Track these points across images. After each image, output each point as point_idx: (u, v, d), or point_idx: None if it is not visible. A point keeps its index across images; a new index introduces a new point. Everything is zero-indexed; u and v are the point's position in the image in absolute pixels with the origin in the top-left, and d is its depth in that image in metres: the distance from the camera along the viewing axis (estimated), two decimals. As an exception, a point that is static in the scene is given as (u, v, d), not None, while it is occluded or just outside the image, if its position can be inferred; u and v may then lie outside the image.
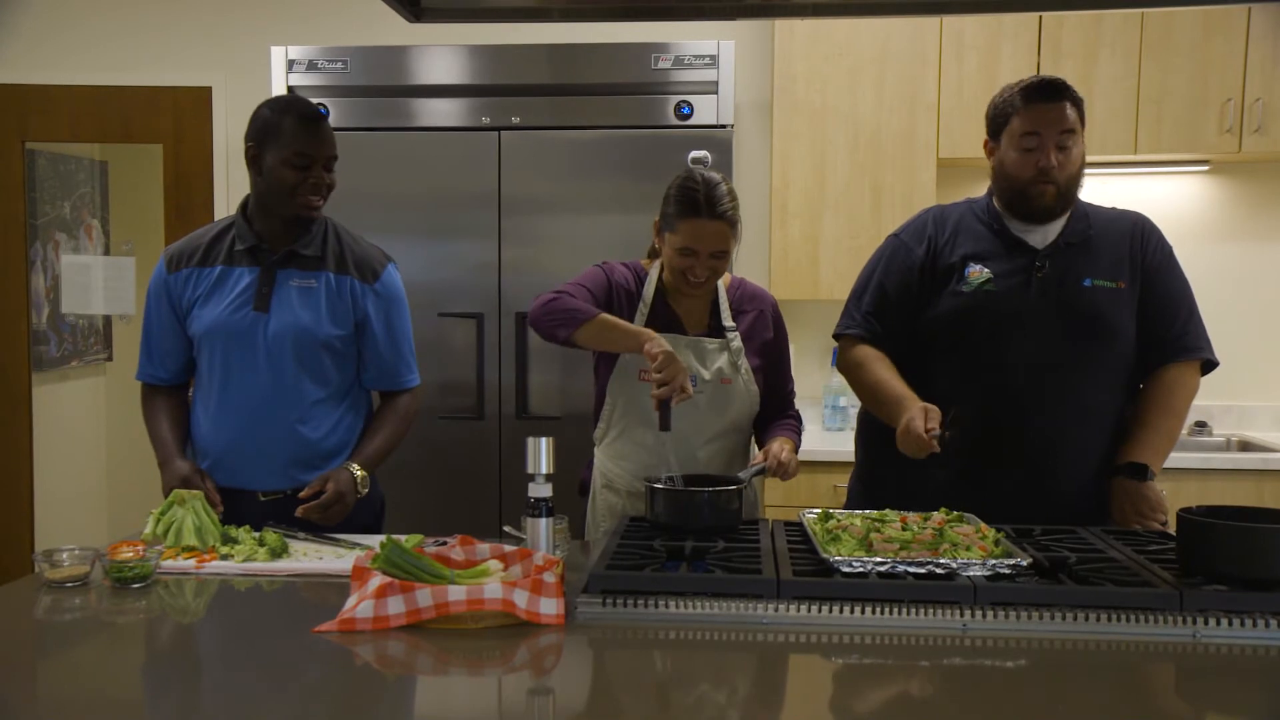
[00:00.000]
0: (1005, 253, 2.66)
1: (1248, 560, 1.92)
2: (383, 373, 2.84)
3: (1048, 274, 2.62)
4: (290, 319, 2.67)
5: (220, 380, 2.70)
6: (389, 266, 2.82)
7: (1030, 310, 2.60)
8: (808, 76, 4.24)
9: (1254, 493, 3.81)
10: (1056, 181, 2.57)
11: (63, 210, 5.70)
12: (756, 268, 4.49)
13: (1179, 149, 4.17)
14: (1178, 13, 4.07)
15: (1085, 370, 2.60)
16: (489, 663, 1.78)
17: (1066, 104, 2.56)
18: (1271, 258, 4.51)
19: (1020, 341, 2.59)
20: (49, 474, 5.20)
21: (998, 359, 2.61)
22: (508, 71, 3.99)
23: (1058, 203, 2.61)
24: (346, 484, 2.65)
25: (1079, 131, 2.58)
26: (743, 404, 2.78)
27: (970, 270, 2.66)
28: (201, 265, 2.71)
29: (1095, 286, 2.61)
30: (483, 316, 3.96)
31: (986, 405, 2.57)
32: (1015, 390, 2.58)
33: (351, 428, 2.80)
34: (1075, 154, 2.59)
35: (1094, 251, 2.64)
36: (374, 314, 2.76)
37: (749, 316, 2.83)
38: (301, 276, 2.69)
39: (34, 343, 5.22)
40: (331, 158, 2.69)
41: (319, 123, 2.68)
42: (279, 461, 2.70)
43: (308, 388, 2.70)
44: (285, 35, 4.44)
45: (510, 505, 3.88)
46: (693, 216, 2.62)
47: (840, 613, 1.90)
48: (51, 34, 4.82)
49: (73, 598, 2.11)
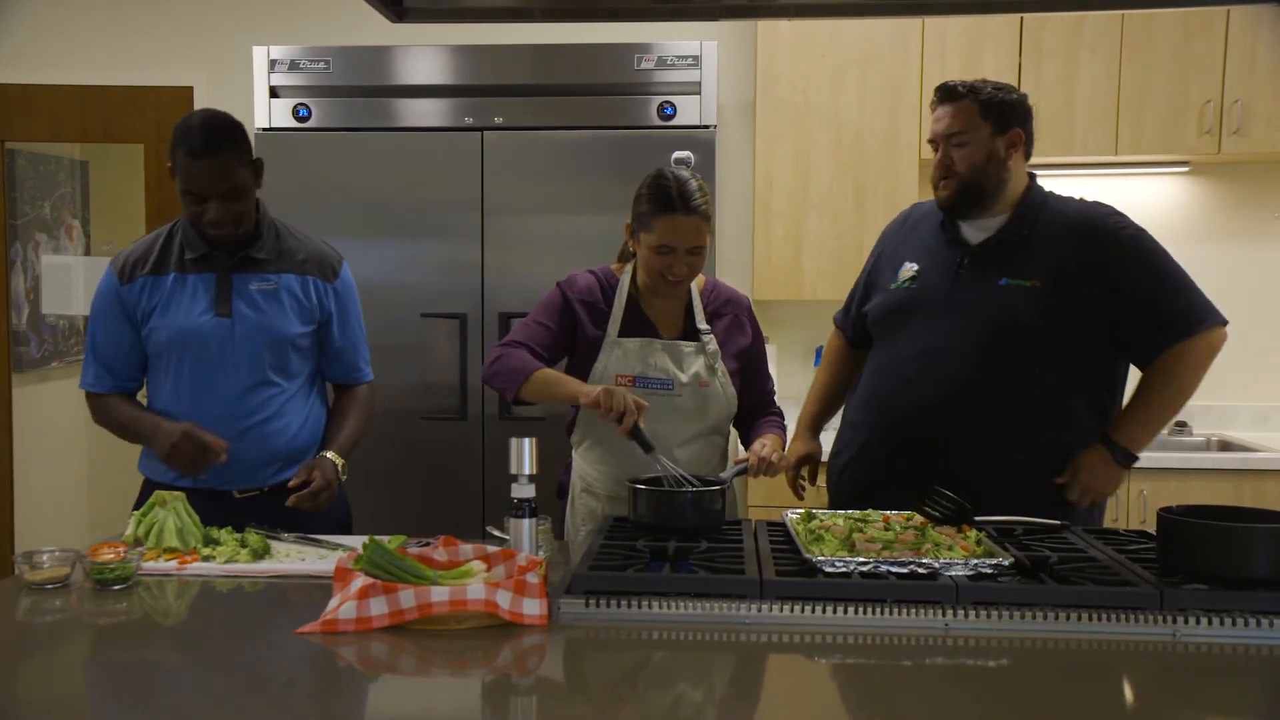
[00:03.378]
0: (942, 250, 2.71)
1: (1227, 559, 1.93)
2: (344, 367, 2.90)
3: (968, 271, 2.65)
4: (257, 321, 2.68)
5: (189, 386, 2.69)
6: (344, 263, 2.87)
7: (944, 307, 2.64)
8: (790, 77, 4.25)
9: (1233, 492, 3.83)
10: (957, 175, 2.62)
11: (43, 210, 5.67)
12: (740, 268, 4.50)
13: (1159, 150, 4.19)
14: (1158, 15, 4.09)
15: (995, 369, 2.59)
16: (472, 663, 1.78)
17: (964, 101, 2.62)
18: (1251, 258, 4.54)
19: (931, 338, 2.64)
20: (29, 475, 5.17)
21: (911, 354, 2.66)
22: (491, 72, 3.99)
23: (960, 196, 2.64)
24: (331, 471, 2.70)
25: (973, 131, 2.61)
26: (720, 406, 2.78)
27: (903, 268, 2.75)
28: (155, 274, 2.69)
29: (1010, 285, 2.59)
30: (465, 317, 3.95)
31: (902, 404, 2.66)
32: (936, 394, 2.61)
33: (319, 420, 2.85)
34: (969, 150, 2.61)
35: (1027, 249, 2.62)
36: (336, 311, 2.81)
37: (725, 320, 2.84)
38: (260, 279, 2.70)
39: (14, 343, 5.19)
40: (230, 190, 2.59)
41: (207, 159, 2.55)
42: (255, 461, 2.72)
43: (278, 386, 2.73)
44: (267, 35, 4.43)
45: (493, 506, 3.87)
46: (668, 213, 2.63)
47: (823, 613, 1.90)
48: (32, 34, 4.79)
49: (53, 599, 2.10)
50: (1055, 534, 2.34)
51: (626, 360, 2.72)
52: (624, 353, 2.73)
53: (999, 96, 2.62)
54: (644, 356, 2.72)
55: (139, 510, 2.44)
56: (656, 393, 2.70)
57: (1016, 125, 2.63)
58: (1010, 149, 2.63)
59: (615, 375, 2.71)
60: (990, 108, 2.61)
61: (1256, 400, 4.55)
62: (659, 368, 2.72)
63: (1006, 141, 2.62)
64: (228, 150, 2.58)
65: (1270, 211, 4.52)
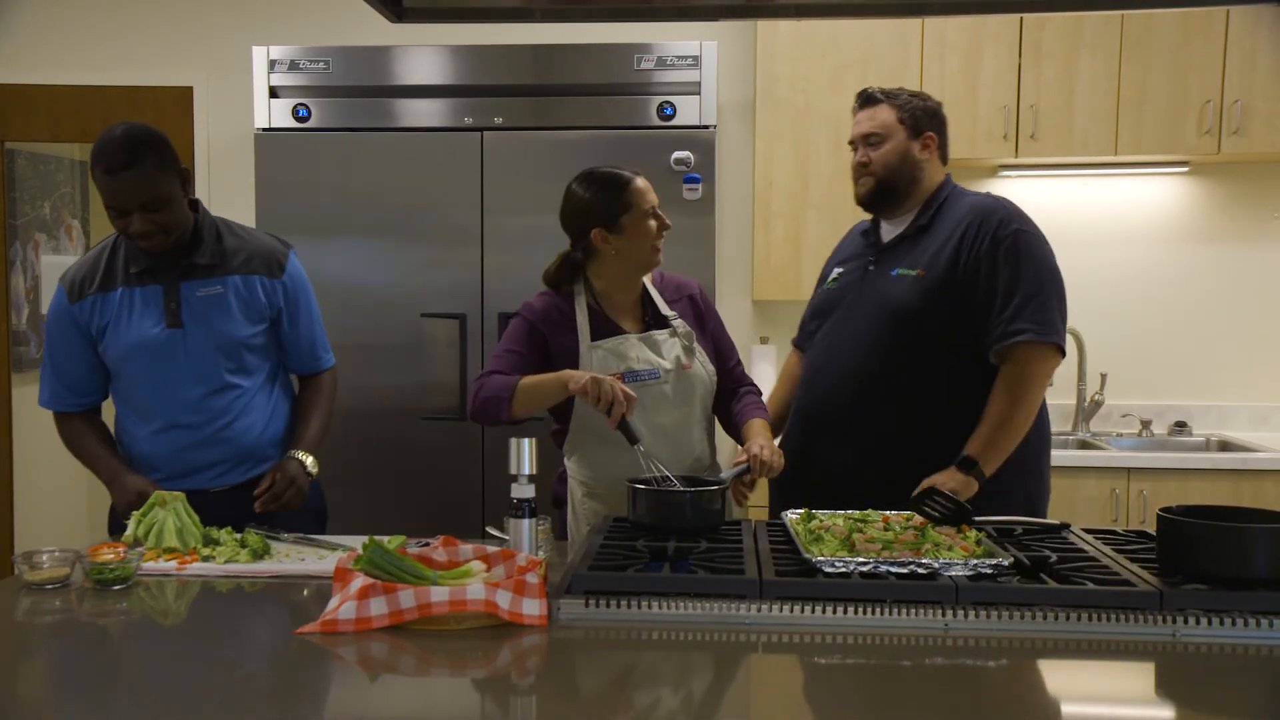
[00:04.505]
0: (860, 251, 2.90)
1: (1227, 560, 1.93)
2: (303, 358, 2.91)
3: (875, 268, 2.81)
4: (207, 329, 2.68)
5: (150, 397, 2.70)
6: (290, 254, 2.84)
7: (853, 303, 2.80)
8: (790, 77, 4.25)
9: (1233, 492, 3.83)
10: (873, 174, 2.79)
11: (42, 210, 5.67)
12: (739, 268, 4.50)
13: (1159, 150, 4.19)
14: (1158, 15, 4.09)
15: (891, 360, 2.71)
16: (471, 664, 1.78)
17: (882, 106, 2.80)
18: (1250, 258, 4.53)
19: (837, 333, 2.81)
20: (29, 475, 5.17)
21: (822, 349, 2.84)
22: (490, 72, 3.99)
23: (876, 193, 2.81)
24: (295, 469, 2.73)
25: (888, 133, 2.78)
26: (704, 384, 2.83)
27: (830, 274, 2.95)
28: (103, 290, 2.68)
29: (899, 276, 2.74)
30: (465, 317, 3.95)
31: (810, 396, 2.83)
32: (835, 380, 2.77)
33: (284, 413, 2.87)
34: (885, 151, 2.78)
35: (920, 242, 2.76)
36: (286, 306, 2.81)
37: (680, 305, 2.89)
38: (205, 285, 2.69)
39: (13, 343, 5.19)
40: (151, 200, 2.55)
41: (125, 172, 2.51)
42: (228, 462, 2.75)
43: (238, 388, 2.74)
44: (267, 35, 4.43)
45: (493, 506, 3.87)
46: (631, 184, 2.75)
47: (823, 613, 1.90)
48: (32, 34, 4.79)
49: (53, 599, 2.10)
50: (1055, 534, 2.34)
51: (608, 360, 2.73)
52: (604, 353, 2.74)
53: (914, 103, 2.81)
54: (624, 353, 2.75)
55: (139, 510, 2.44)
56: (647, 383, 2.73)
57: (930, 129, 2.81)
58: (924, 150, 2.80)
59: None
60: (906, 112, 2.80)
61: (1256, 400, 4.55)
62: (642, 359, 2.75)
63: (920, 145, 2.80)
64: (148, 163, 2.53)
65: (1270, 211, 4.52)
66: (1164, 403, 4.53)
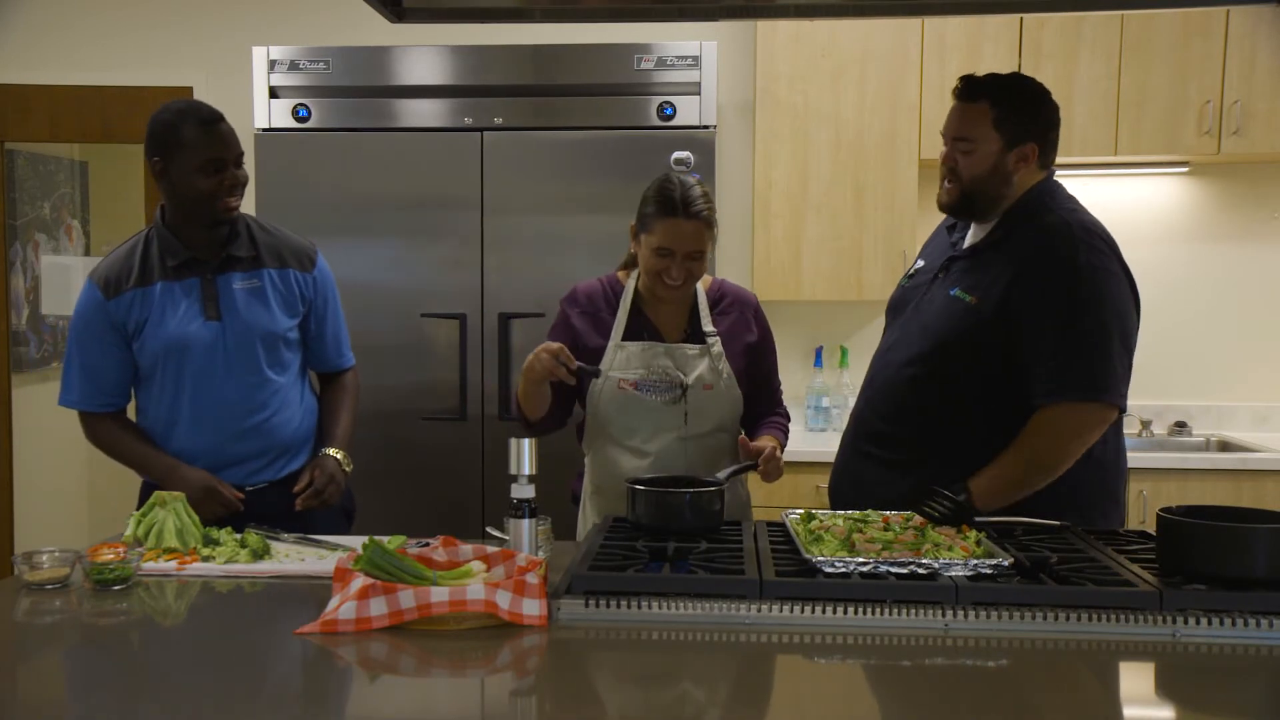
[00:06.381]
0: (943, 251, 2.70)
1: (1227, 560, 1.93)
2: (328, 355, 2.91)
3: (946, 275, 2.62)
4: (247, 321, 2.69)
5: (190, 393, 2.69)
6: (318, 251, 2.87)
7: (917, 307, 2.64)
8: (790, 77, 4.25)
9: (1233, 492, 3.83)
10: (959, 179, 2.53)
11: (42, 210, 5.67)
12: (739, 268, 4.50)
13: (1159, 150, 4.19)
14: (1158, 15, 4.10)
15: (931, 376, 2.54)
16: (471, 664, 1.78)
17: (980, 104, 2.50)
18: (1250, 258, 4.54)
19: (895, 335, 2.68)
20: (29, 475, 5.17)
21: (883, 349, 2.71)
22: (490, 72, 3.99)
23: (960, 202, 2.56)
24: (333, 466, 2.74)
25: (981, 140, 2.49)
26: (725, 408, 2.78)
27: (915, 265, 2.78)
28: (141, 285, 2.66)
29: (955, 298, 2.53)
30: (465, 317, 3.95)
31: (866, 394, 2.70)
32: (877, 393, 2.66)
33: (314, 409, 2.89)
34: (974, 160, 2.50)
35: (987, 261, 2.53)
36: (316, 300, 2.83)
37: (730, 318, 2.84)
38: (243, 278, 2.70)
39: (13, 344, 5.19)
40: (240, 155, 2.66)
41: (220, 124, 2.62)
42: (266, 456, 2.75)
43: (274, 382, 2.74)
44: (267, 35, 4.43)
45: (493, 506, 3.87)
46: (669, 216, 2.63)
47: (823, 613, 1.90)
48: (31, 34, 4.79)
49: (53, 600, 2.10)
50: (1055, 534, 2.34)
51: (629, 363, 2.72)
52: (627, 356, 2.73)
53: (1019, 105, 2.49)
54: (647, 360, 2.73)
55: (138, 510, 2.44)
56: (661, 397, 2.71)
57: (1032, 140, 2.49)
58: (1019, 163, 2.50)
59: (618, 380, 2.72)
60: (1006, 116, 2.48)
61: (1256, 400, 4.55)
62: (662, 370, 2.72)
63: (1016, 156, 2.49)
64: (224, 118, 2.66)
65: (1270, 211, 4.52)
66: (1164, 403, 4.53)
